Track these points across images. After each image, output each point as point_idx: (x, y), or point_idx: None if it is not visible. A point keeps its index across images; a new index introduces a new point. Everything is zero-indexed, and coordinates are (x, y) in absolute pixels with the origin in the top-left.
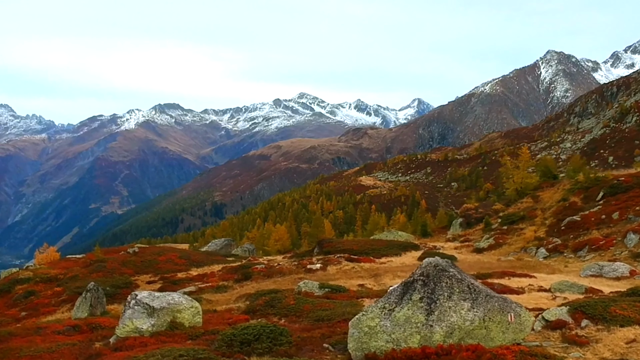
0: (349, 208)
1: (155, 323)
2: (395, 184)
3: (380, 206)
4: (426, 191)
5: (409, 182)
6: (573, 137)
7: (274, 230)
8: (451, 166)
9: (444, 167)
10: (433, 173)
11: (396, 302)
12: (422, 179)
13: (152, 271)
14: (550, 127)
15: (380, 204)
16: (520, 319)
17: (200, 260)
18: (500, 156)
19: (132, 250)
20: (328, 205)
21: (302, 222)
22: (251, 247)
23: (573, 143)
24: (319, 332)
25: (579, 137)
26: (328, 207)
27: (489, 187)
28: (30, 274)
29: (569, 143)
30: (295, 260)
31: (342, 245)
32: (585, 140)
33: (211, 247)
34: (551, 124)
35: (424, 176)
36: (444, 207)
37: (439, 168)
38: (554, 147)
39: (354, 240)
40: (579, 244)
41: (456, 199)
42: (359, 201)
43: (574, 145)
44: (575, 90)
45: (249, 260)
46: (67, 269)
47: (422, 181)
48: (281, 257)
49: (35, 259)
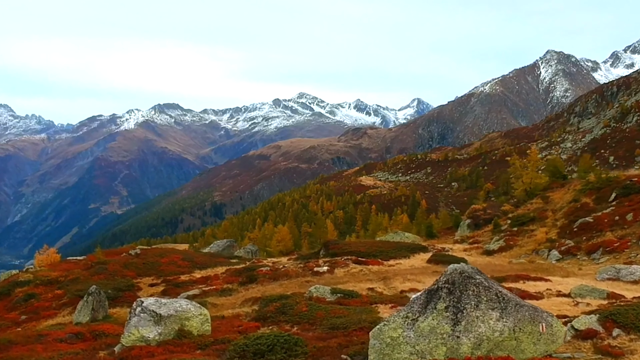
0: (349, 208)
1: (162, 331)
2: (395, 184)
3: (380, 206)
4: (426, 191)
5: (409, 182)
6: (573, 137)
7: (276, 231)
8: (451, 166)
9: (444, 167)
10: (433, 173)
11: (420, 312)
12: (423, 179)
13: (155, 273)
14: (550, 127)
15: (380, 204)
16: (552, 329)
17: (203, 262)
18: (500, 156)
19: (134, 252)
20: (328, 205)
21: (303, 222)
22: (254, 248)
23: (573, 143)
24: (335, 342)
25: (580, 137)
26: (328, 207)
27: (490, 187)
28: (30, 276)
29: (569, 143)
30: (301, 263)
31: (348, 247)
32: (585, 140)
33: (213, 248)
34: (551, 124)
35: (424, 176)
36: (444, 207)
37: (439, 168)
38: (554, 147)
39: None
40: (593, 246)
41: (456, 199)
42: (359, 201)
43: (574, 145)
44: (575, 90)
45: (253, 262)
46: (67, 271)
47: (423, 181)
48: (286, 259)
49: (35, 261)
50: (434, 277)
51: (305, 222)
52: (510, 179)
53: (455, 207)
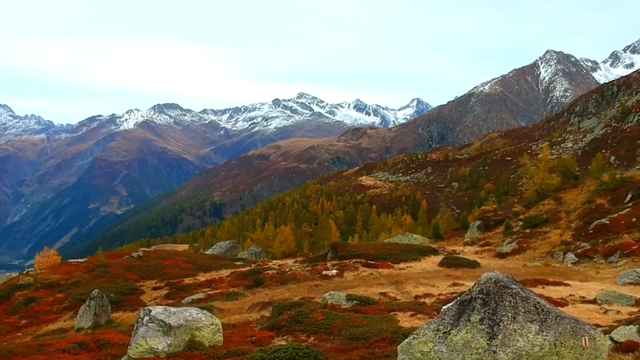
0: (350, 208)
1: (171, 343)
2: (395, 184)
3: (380, 206)
4: (427, 191)
5: (410, 182)
6: (574, 137)
7: (278, 232)
8: (452, 166)
9: (444, 167)
10: (434, 173)
11: (452, 324)
12: (423, 178)
13: (158, 276)
14: (550, 127)
15: (380, 204)
16: (595, 343)
17: (207, 264)
18: (501, 156)
19: (137, 254)
20: (328, 206)
21: (303, 222)
22: (258, 249)
23: (574, 143)
24: (356, 355)
25: (580, 137)
26: (328, 207)
27: (490, 187)
28: (30, 279)
29: (570, 143)
30: (308, 265)
31: (357, 250)
32: (586, 140)
33: (216, 249)
34: (552, 124)
35: (425, 176)
36: (445, 207)
37: (439, 168)
38: (555, 146)
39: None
40: (610, 249)
41: (457, 199)
42: (360, 201)
43: (575, 145)
44: (574, 89)
45: (258, 265)
46: (69, 274)
47: (423, 181)
48: (292, 261)
49: (36, 263)
50: (448, 281)
51: (306, 222)
52: (511, 178)
53: (455, 207)
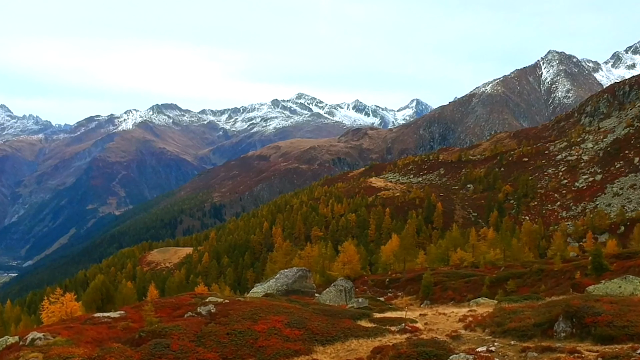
0: (362, 211)
1: None
2: (407, 185)
3: (394, 209)
4: (441, 193)
5: (422, 184)
6: (594, 137)
7: (340, 250)
8: (465, 167)
9: (457, 168)
10: (446, 174)
11: None
12: (435, 180)
13: (250, 354)
14: (560, 127)
15: (393, 206)
16: None
17: (323, 329)
18: (517, 157)
19: (205, 309)
20: (339, 208)
21: (313, 225)
22: (347, 284)
23: (595, 143)
24: None
25: (601, 137)
26: (339, 209)
27: (508, 189)
28: (39, 355)
29: (590, 143)
30: (523, 342)
31: (620, 321)
32: (607, 140)
33: (280, 280)
34: (561, 124)
35: (437, 177)
36: (460, 210)
37: (452, 169)
38: (574, 147)
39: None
40: None
41: (473, 202)
42: (371, 204)
43: (596, 146)
44: (576, 90)
45: (404, 329)
46: (100, 345)
47: (436, 183)
48: (462, 328)
49: (44, 316)
50: None
51: (316, 225)
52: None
53: (472, 211)
